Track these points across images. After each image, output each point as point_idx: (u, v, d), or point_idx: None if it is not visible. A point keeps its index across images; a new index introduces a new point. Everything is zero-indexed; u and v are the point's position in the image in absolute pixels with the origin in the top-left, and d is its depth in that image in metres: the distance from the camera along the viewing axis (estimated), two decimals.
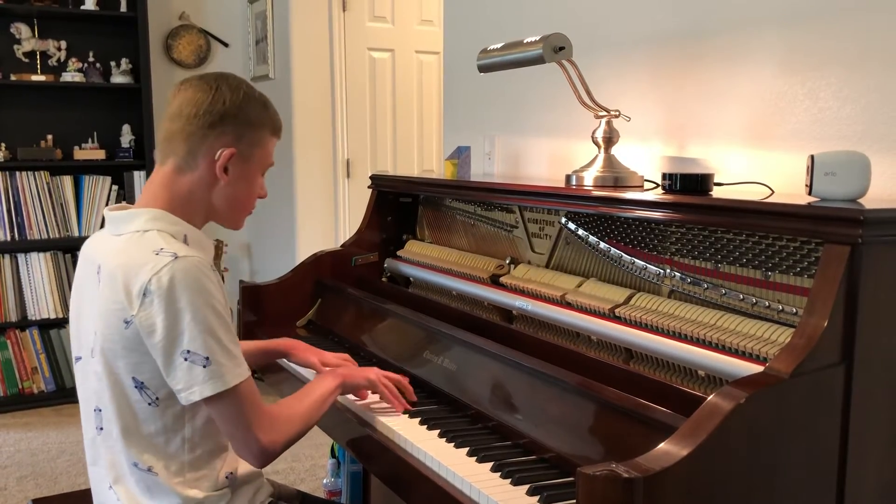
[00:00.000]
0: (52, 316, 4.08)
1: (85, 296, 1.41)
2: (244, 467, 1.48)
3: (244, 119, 1.41)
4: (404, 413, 1.58)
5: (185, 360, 1.26)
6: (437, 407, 1.61)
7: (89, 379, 1.38)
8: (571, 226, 1.74)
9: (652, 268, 1.54)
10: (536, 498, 1.21)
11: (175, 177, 1.40)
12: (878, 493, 1.22)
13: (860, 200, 1.27)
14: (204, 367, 1.27)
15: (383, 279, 2.35)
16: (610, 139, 1.78)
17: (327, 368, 1.79)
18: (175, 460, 1.36)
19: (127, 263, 1.30)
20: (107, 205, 4.18)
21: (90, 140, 4.25)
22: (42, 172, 4.07)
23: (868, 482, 1.19)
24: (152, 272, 1.26)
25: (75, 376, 1.45)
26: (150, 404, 1.33)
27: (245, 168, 1.43)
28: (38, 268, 4.06)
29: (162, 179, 1.41)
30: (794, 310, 1.27)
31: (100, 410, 1.38)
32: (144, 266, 1.27)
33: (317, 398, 1.50)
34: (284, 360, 1.91)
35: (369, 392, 1.66)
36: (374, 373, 1.62)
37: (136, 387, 1.32)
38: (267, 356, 1.86)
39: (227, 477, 1.43)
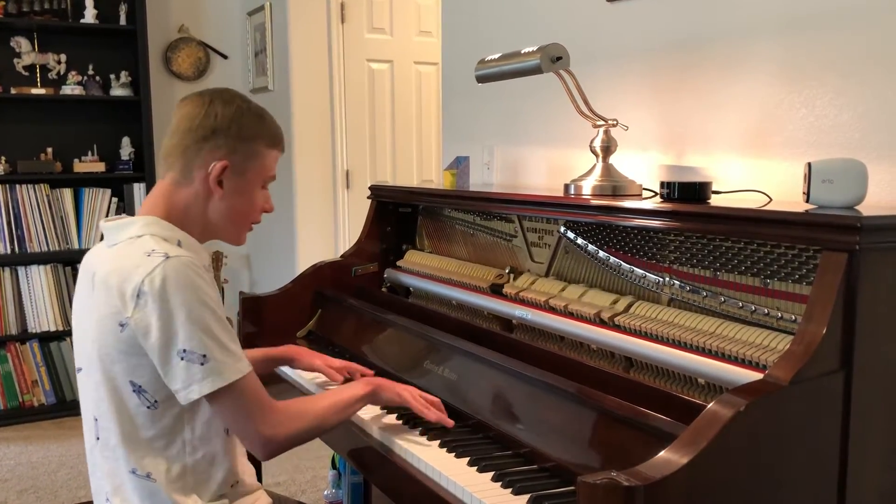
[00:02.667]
0: (53, 329, 4.07)
1: (83, 306, 1.42)
2: (244, 481, 1.48)
3: (236, 132, 1.41)
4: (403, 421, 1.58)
5: (182, 359, 1.27)
6: None
7: (89, 388, 1.39)
8: (570, 235, 1.74)
9: (651, 276, 1.55)
10: None
11: (173, 190, 1.42)
12: (879, 500, 1.22)
13: (857, 207, 1.28)
14: (202, 364, 1.27)
15: (383, 289, 2.35)
16: (608, 148, 1.78)
17: (332, 370, 1.80)
18: (176, 463, 1.36)
19: (120, 267, 1.31)
20: (107, 217, 4.18)
21: (90, 153, 4.25)
22: (42, 185, 4.08)
23: (869, 488, 1.19)
24: (145, 273, 1.27)
25: (77, 387, 1.46)
26: (149, 408, 1.33)
27: (240, 181, 1.43)
28: (38, 280, 4.06)
29: (160, 192, 1.43)
30: (793, 317, 1.27)
31: (97, 420, 1.38)
32: (137, 268, 1.28)
33: (339, 400, 1.48)
34: (287, 368, 1.91)
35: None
36: (408, 391, 1.56)
37: (134, 391, 1.32)
38: (271, 363, 1.86)
39: (230, 486, 1.43)
